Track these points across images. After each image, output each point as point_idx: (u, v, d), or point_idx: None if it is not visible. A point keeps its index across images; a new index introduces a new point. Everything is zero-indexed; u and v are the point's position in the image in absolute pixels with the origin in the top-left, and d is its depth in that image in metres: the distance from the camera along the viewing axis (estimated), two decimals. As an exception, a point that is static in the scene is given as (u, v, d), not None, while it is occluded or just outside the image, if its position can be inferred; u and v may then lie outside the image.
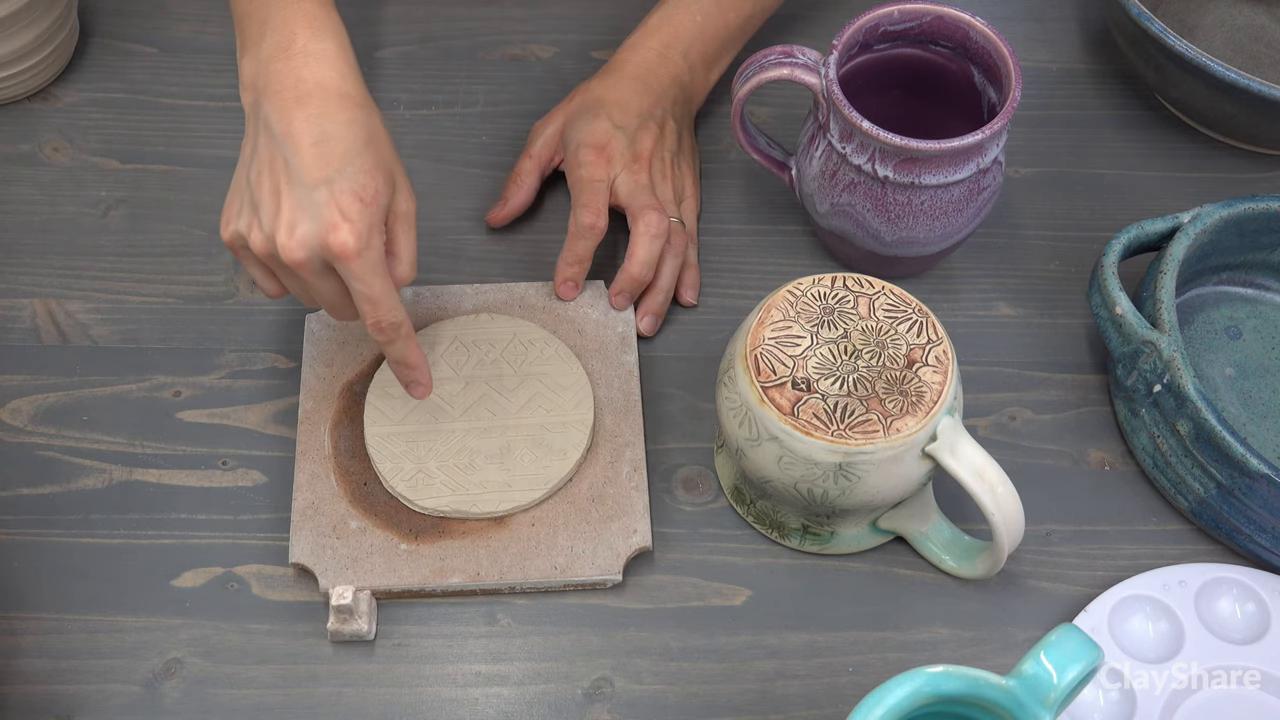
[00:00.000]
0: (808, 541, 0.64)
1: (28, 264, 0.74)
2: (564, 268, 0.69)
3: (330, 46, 0.57)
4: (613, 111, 0.71)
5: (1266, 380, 0.70)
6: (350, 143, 0.55)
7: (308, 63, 0.56)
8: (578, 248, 0.69)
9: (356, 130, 0.55)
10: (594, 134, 0.70)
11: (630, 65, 0.73)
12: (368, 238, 0.55)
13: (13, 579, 0.63)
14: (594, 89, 0.73)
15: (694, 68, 0.74)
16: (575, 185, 0.70)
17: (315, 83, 0.56)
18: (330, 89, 0.56)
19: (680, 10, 0.74)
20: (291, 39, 0.57)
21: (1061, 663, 0.48)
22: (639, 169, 0.70)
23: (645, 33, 0.74)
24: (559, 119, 0.74)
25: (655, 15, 0.75)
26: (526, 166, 0.74)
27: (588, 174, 0.69)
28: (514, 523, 0.64)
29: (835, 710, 0.61)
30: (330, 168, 0.54)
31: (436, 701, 0.61)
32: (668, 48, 0.73)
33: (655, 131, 0.72)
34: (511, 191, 0.74)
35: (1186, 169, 0.80)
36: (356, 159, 0.55)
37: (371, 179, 0.55)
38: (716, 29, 0.75)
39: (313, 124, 0.55)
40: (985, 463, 0.56)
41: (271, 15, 0.58)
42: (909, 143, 0.63)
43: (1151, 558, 0.65)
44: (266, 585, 0.64)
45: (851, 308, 0.59)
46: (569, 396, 0.67)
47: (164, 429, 0.68)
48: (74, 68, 0.82)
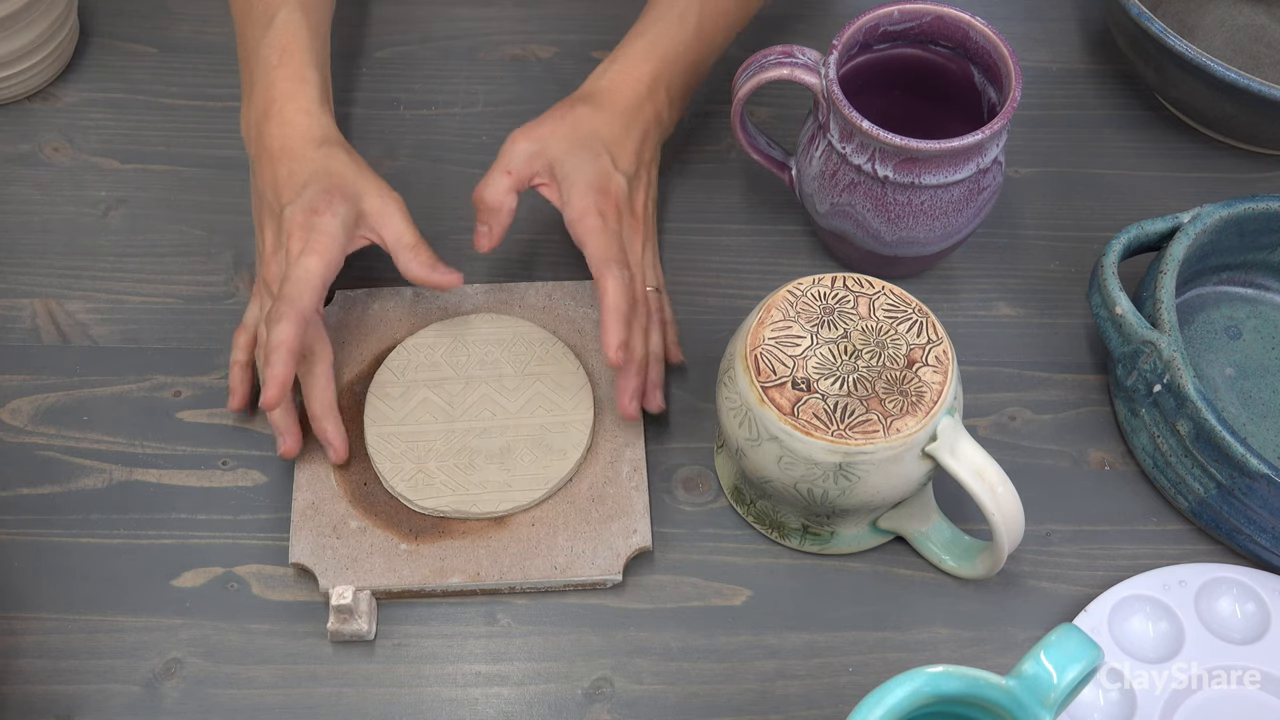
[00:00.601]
0: (808, 541, 0.64)
1: (28, 264, 0.74)
2: (616, 331, 0.62)
3: (300, 104, 0.68)
4: (613, 151, 0.67)
5: (1266, 380, 0.70)
6: (307, 175, 0.66)
7: (283, 125, 0.67)
8: (623, 305, 0.62)
9: (314, 165, 0.66)
10: (600, 176, 0.66)
11: (621, 97, 0.69)
12: (308, 239, 0.63)
13: (13, 579, 0.63)
14: (587, 119, 0.68)
15: (672, 102, 0.72)
16: (589, 234, 0.64)
17: (288, 138, 0.67)
18: (298, 141, 0.67)
19: (666, 39, 0.71)
20: (270, 103, 0.68)
21: (1061, 663, 0.47)
22: (635, 230, 0.68)
23: (633, 60, 0.71)
24: (546, 139, 0.67)
25: (641, 41, 0.71)
26: (504, 184, 0.67)
27: (603, 225, 0.64)
28: (514, 523, 0.64)
29: (835, 710, 0.61)
30: (292, 193, 0.65)
31: (436, 701, 0.61)
32: (656, 79, 0.70)
33: (644, 181, 0.70)
34: (493, 219, 0.67)
35: (1186, 169, 0.80)
36: (312, 185, 0.65)
37: (326, 197, 0.64)
38: (695, 61, 0.73)
39: (282, 169, 0.66)
40: (985, 463, 0.56)
41: (256, 80, 0.69)
42: (909, 143, 0.63)
43: (1151, 558, 0.65)
44: (266, 585, 0.64)
45: (851, 308, 0.59)
46: (569, 396, 0.67)
47: (164, 429, 0.68)
48: (74, 68, 0.82)
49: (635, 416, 0.64)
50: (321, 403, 0.64)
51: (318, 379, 0.64)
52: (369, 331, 0.70)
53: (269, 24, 0.70)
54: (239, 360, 0.67)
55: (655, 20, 0.72)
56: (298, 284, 0.62)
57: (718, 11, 0.73)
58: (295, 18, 0.70)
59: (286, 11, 0.70)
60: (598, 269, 0.63)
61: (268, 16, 0.70)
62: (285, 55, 0.69)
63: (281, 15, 0.70)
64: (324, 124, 0.68)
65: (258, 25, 0.70)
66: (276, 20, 0.70)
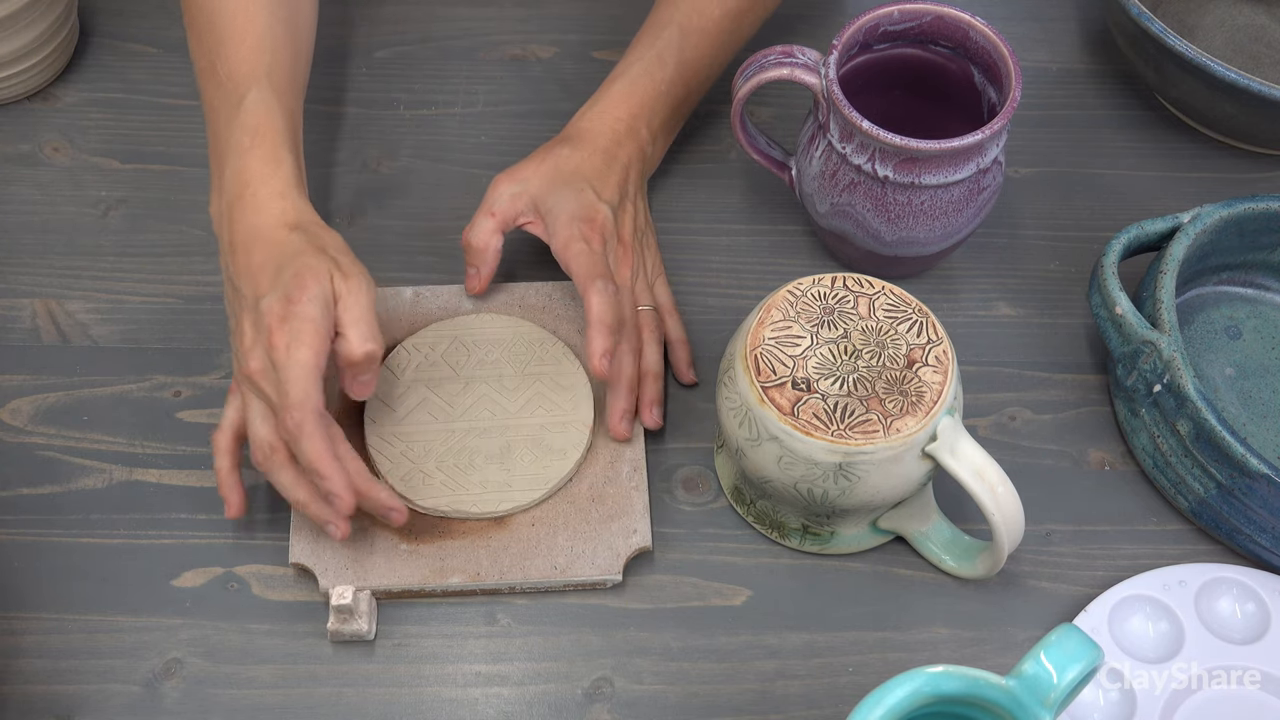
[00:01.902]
0: (808, 541, 0.64)
1: (28, 264, 0.74)
2: (600, 340, 0.63)
3: (274, 188, 0.64)
4: (595, 185, 0.68)
5: (1266, 380, 0.70)
6: (280, 261, 0.61)
7: (256, 210, 0.64)
8: (608, 316, 0.63)
9: (284, 248, 0.62)
10: (584, 207, 0.67)
11: (601, 137, 0.70)
12: (290, 331, 0.59)
13: (13, 579, 0.63)
14: (567, 159, 0.69)
15: (655, 138, 0.73)
16: (575, 259, 0.65)
17: (260, 225, 0.63)
18: (270, 226, 0.63)
19: (644, 79, 0.72)
20: (244, 187, 0.64)
21: (1061, 663, 0.47)
22: (624, 257, 0.68)
23: (612, 102, 0.72)
24: (528, 179, 0.68)
25: (619, 83, 0.72)
26: (489, 225, 0.68)
27: (589, 248, 0.65)
28: (514, 523, 0.64)
29: (835, 710, 0.61)
30: (266, 284, 0.61)
31: (436, 701, 0.61)
32: (635, 119, 0.71)
33: (630, 211, 0.70)
34: (480, 260, 0.69)
35: (1186, 169, 0.80)
36: (283, 272, 0.60)
37: (298, 283, 0.59)
38: (678, 98, 0.74)
39: (256, 257, 0.62)
40: (985, 463, 0.56)
41: (228, 163, 0.65)
42: (909, 143, 0.63)
43: (1151, 558, 0.65)
44: (266, 585, 0.64)
45: (851, 308, 0.59)
46: (569, 396, 0.67)
47: (164, 429, 0.68)
48: (74, 68, 0.82)
49: (625, 436, 0.65)
50: (361, 477, 0.60)
51: (345, 458, 0.60)
52: (369, 331, 0.70)
53: (239, 104, 0.66)
54: (224, 466, 0.63)
55: (634, 62, 0.73)
56: (299, 383, 0.58)
57: (699, 52, 0.74)
58: (267, 98, 0.66)
59: (257, 91, 0.66)
60: (582, 286, 0.64)
61: (237, 97, 0.66)
62: (257, 137, 0.65)
63: (252, 95, 0.66)
64: (299, 207, 0.64)
65: (228, 104, 0.66)
66: (247, 101, 0.66)
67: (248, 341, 0.61)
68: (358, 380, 0.61)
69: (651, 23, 0.75)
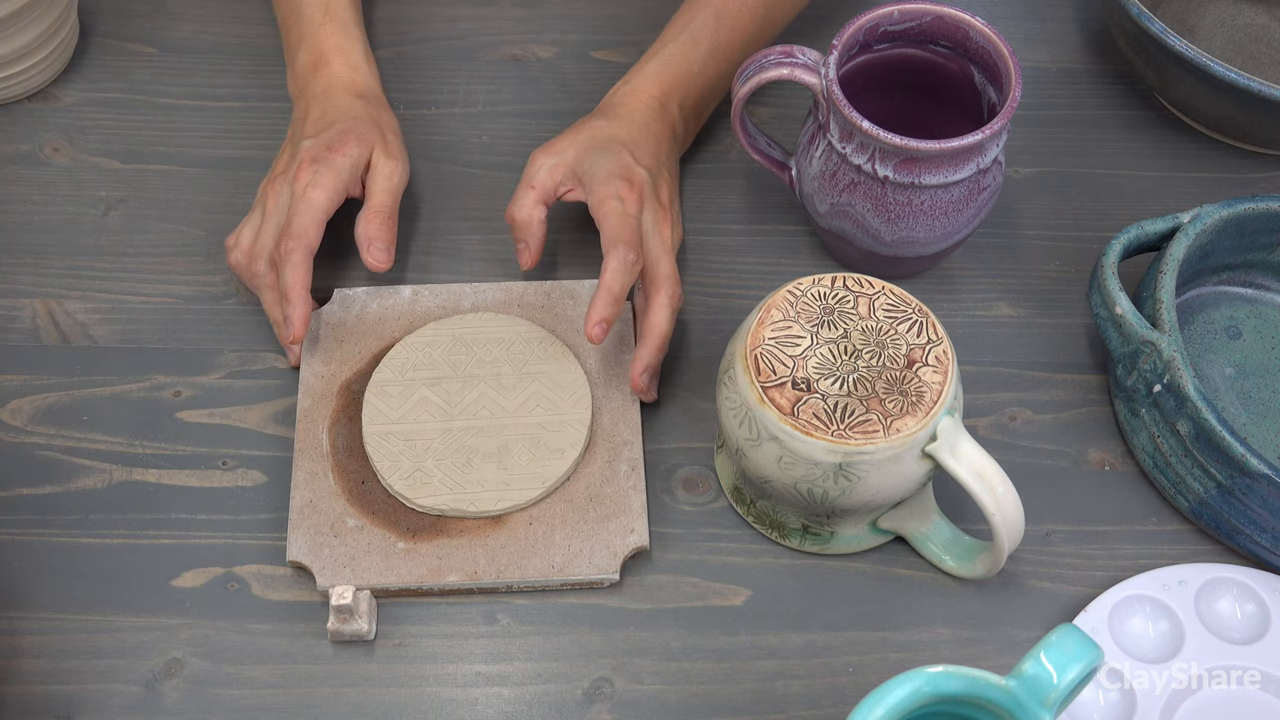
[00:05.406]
0: (808, 541, 0.64)
1: (28, 264, 0.74)
2: (602, 308, 0.63)
3: (348, 60, 0.73)
4: (633, 150, 0.69)
5: (1266, 380, 0.70)
6: (335, 116, 0.70)
7: (330, 75, 0.73)
8: (616, 286, 0.63)
9: (345, 110, 0.70)
10: (622, 167, 0.67)
11: (636, 112, 0.71)
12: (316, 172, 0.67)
13: (13, 579, 0.63)
14: (603, 128, 0.70)
15: (686, 119, 0.74)
16: (608, 217, 0.65)
17: (331, 87, 0.72)
18: (339, 90, 0.72)
19: (678, 59, 0.73)
20: (319, 55, 0.73)
21: (1061, 663, 0.47)
22: (663, 217, 0.68)
23: (645, 79, 0.72)
24: (564, 150, 0.69)
25: (653, 62, 0.73)
26: (530, 198, 0.68)
27: (624, 208, 0.65)
28: (512, 521, 0.64)
29: (835, 710, 0.61)
30: (316, 130, 0.69)
31: (436, 701, 0.61)
32: (667, 97, 0.72)
33: (668, 180, 0.71)
34: (527, 234, 0.68)
35: (1186, 169, 0.80)
36: (335, 125, 0.69)
37: (342, 138, 0.68)
38: (710, 80, 0.74)
39: (316, 109, 0.71)
40: (985, 463, 0.56)
41: (305, 36, 0.74)
42: (909, 143, 0.63)
43: (1151, 558, 0.65)
44: (266, 585, 0.64)
45: (851, 308, 0.59)
46: (567, 395, 0.67)
47: (164, 429, 0.68)
48: (74, 68, 0.82)
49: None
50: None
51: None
52: (367, 330, 0.70)
53: None
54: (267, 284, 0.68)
55: (668, 42, 0.74)
56: (304, 217, 0.65)
57: (733, 35, 0.74)
58: None
59: None
60: (607, 247, 0.64)
61: None
62: (329, 14, 0.74)
63: None
64: (368, 80, 0.73)
65: None
66: None
67: (279, 168, 0.69)
68: (372, 248, 0.67)
69: (687, 4, 0.75)
